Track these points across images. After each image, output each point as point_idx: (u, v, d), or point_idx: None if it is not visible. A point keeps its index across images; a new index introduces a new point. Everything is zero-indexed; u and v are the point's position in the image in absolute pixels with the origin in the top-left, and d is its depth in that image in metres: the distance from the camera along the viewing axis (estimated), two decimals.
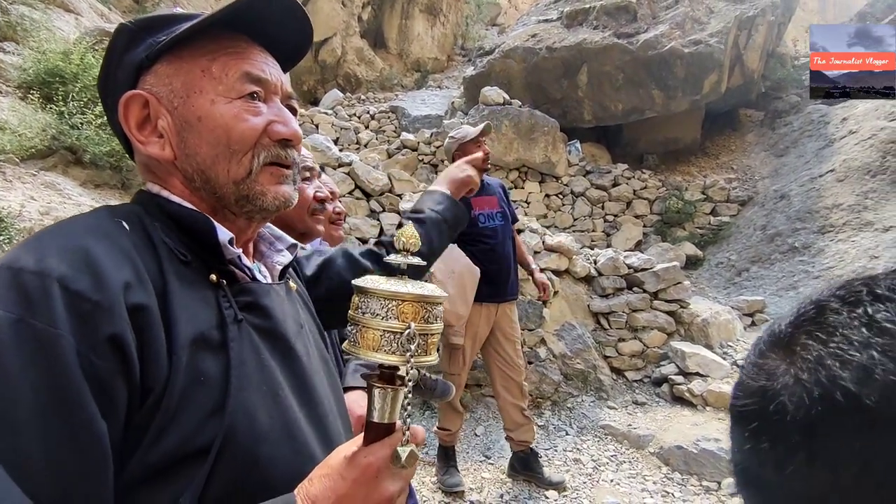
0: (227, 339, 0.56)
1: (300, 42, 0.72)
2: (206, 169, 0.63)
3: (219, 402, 0.53)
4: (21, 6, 4.46)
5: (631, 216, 8.48)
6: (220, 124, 0.62)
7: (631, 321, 4.82)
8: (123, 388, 0.48)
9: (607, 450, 3.67)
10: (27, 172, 3.12)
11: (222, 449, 0.52)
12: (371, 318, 0.52)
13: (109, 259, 0.51)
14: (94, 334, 0.46)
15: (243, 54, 0.64)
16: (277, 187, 0.66)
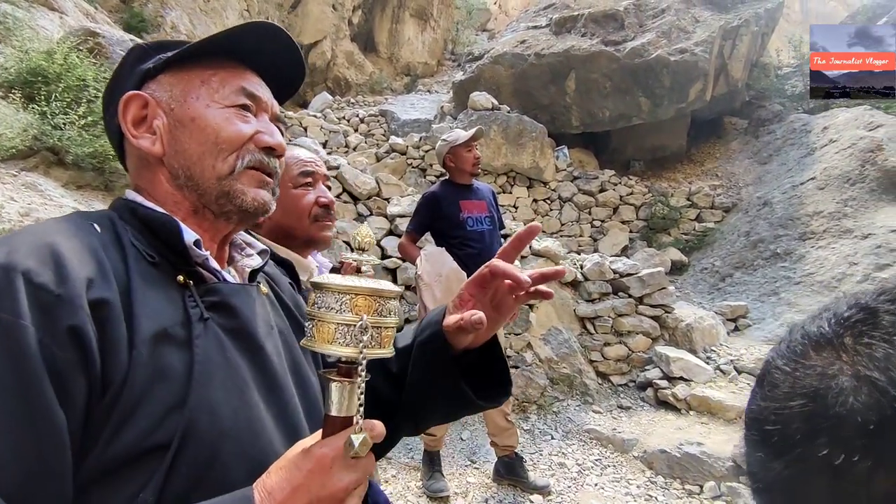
0: (192, 337, 0.58)
1: (293, 75, 0.80)
2: (192, 165, 0.67)
3: (180, 398, 0.54)
4: (4, 4, 4.40)
5: (617, 222, 8.56)
6: (210, 124, 0.67)
7: (616, 326, 4.86)
8: (83, 379, 0.49)
9: (592, 454, 3.69)
10: (7, 173, 3.08)
11: (183, 445, 0.52)
12: (326, 312, 0.53)
13: (74, 256, 0.53)
14: (55, 325, 0.48)
15: (242, 74, 0.72)
16: (257, 190, 0.69)
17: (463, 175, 3.12)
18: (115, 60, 4.35)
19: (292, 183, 1.38)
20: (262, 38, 0.71)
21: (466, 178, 3.13)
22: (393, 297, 0.57)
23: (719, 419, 3.88)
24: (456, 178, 3.14)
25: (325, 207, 1.40)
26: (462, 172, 3.11)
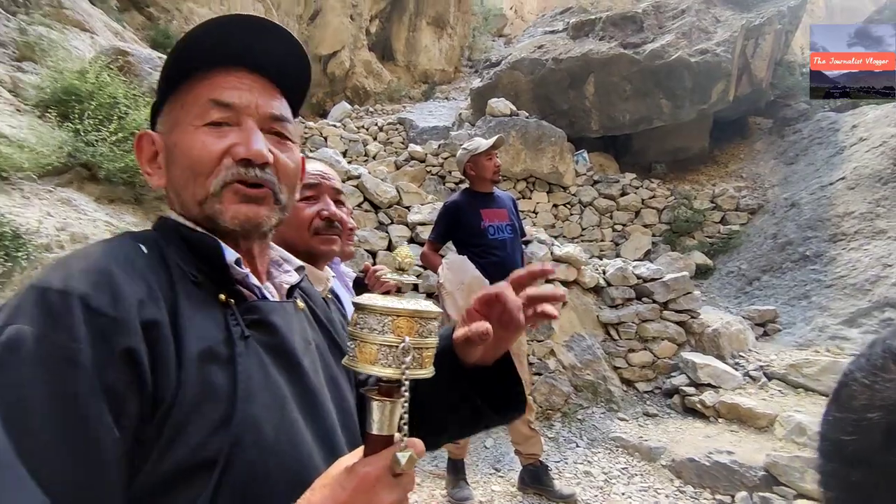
0: (235, 355, 0.59)
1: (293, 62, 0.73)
2: (180, 192, 0.68)
3: (226, 415, 0.55)
4: (39, 26, 4.58)
5: (639, 225, 8.46)
6: (184, 151, 0.66)
7: (641, 332, 4.79)
8: (136, 399, 0.51)
9: (618, 462, 3.64)
10: (44, 189, 3.19)
11: (229, 460, 0.54)
12: (368, 333, 0.54)
13: (126, 278, 0.55)
14: (111, 348, 0.49)
15: (215, 81, 0.67)
16: (239, 206, 0.66)
17: (483, 183, 3.13)
18: (143, 77, 4.48)
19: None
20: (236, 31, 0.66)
21: (487, 186, 3.14)
22: (433, 317, 0.57)
23: (750, 427, 3.79)
24: (476, 187, 3.15)
25: (328, 221, 1.36)
26: (483, 181, 3.12)
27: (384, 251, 4.52)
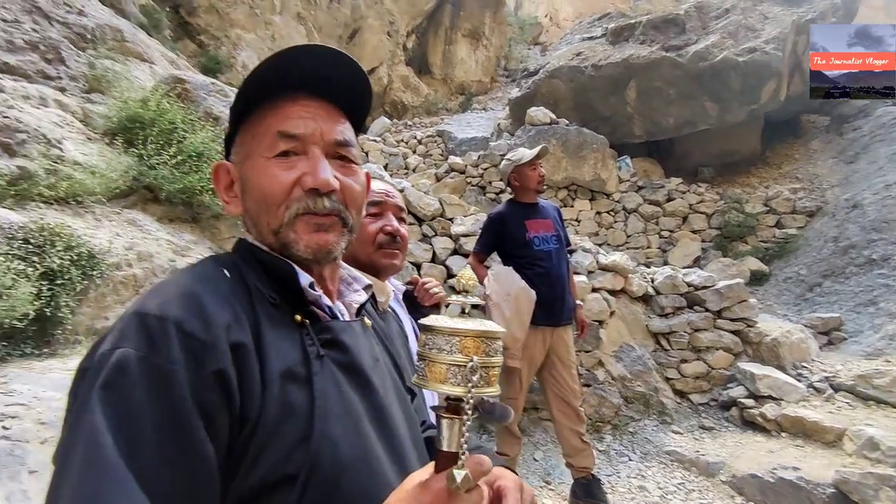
0: (311, 374, 0.62)
1: (354, 85, 0.75)
2: (256, 222, 0.72)
3: (305, 432, 0.58)
4: (105, 60, 4.91)
5: (688, 231, 8.21)
6: (256, 184, 0.70)
7: (693, 341, 4.63)
8: (226, 417, 0.54)
9: (674, 477, 3.51)
10: (112, 211, 3.41)
11: (309, 476, 0.56)
12: (437, 354, 0.56)
13: (214, 303, 0.58)
14: (204, 369, 0.53)
15: (282, 112, 0.71)
16: (312, 235, 0.69)
17: (528, 194, 3.11)
18: (198, 102, 4.72)
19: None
20: (302, 60, 0.69)
21: (531, 196, 3.12)
22: (498, 337, 0.59)
23: (816, 442, 3.59)
24: (521, 197, 3.14)
25: (391, 236, 1.41)
26: (527, 191, 3.10)
27: (428, 263, 4.56)
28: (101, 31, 5.22)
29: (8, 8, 4.39)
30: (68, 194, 3.13)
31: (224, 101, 4.92)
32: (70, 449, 0.48)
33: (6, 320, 2.16)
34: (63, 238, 2.55)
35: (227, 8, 9.95)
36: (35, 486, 1.58)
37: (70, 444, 0.49)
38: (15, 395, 1.91)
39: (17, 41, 4.24)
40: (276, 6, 10.87)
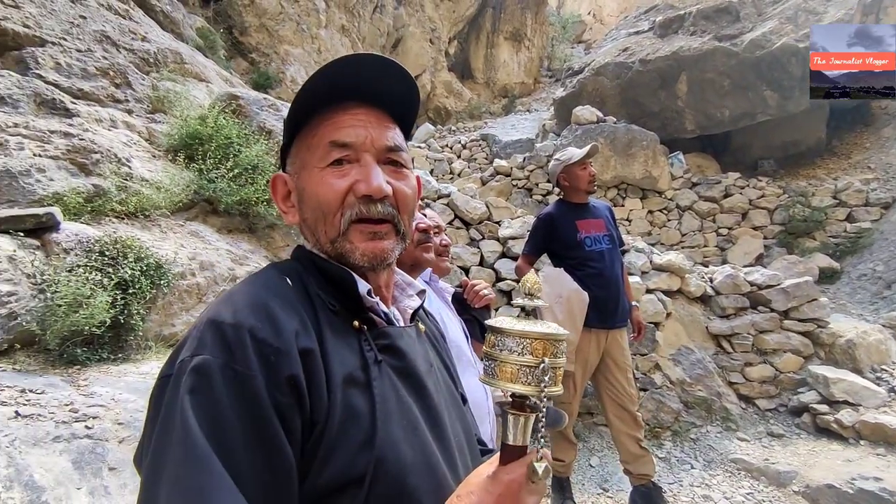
0: (371, 379, 0.63)
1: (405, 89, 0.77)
2: (314, 231, 0.73)
3: (369, 435, 0.59)
4: (166, 81, 5.21)
5: (748, 228, 7.81)
6: (312, 193, 0.71)
7: (758, 343, 4.39)
8: (298, 420, 0.55)
9: (741, 486, 3.33)
10: (176, 223, 3.60)
11: (374, 478, 0.57)
12: (508, 355, 0.59)
13: (283, 311, 0.60)
14: (278, 375, 0.55)
15: (336, 122, 0.72)
16: (367, 244, 0.70)
17: (578, 194, 3.04)
18: (252, 117, 4.93)
19: None
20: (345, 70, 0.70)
21: (582, 196, 3.05)
22: (563, 339, 0.61)
23: None
24: (571, 198, 3.08)
25: (424, 232, 1.54)
26: (577, 191, 3.04)
27: (476, 267, 4.55)
28: (162, 55, 5.55)
29: (81, 39, 4.74)
30: (137, 209, 3.34)
31: (276, 115, 5.11)
32: (164, 449, 0.51)
33: (86, 327, 2.32)
34: (133, 250, 2.71)
35: (275, 25, 10.35)
36: (115, 482, 1.68)
37: (164, 445, 0.51)
38: (95, 396, 2.04)
39: (90, 69, 4.57)
40: (321, 20, 11.21)
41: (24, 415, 1.77)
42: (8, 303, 2.30)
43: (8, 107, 3.52)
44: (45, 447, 1.65)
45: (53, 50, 4.42)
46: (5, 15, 4.30)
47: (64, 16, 4.77)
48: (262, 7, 10.21)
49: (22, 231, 2.57)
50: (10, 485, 1.47)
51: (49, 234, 2.65)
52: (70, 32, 4.69)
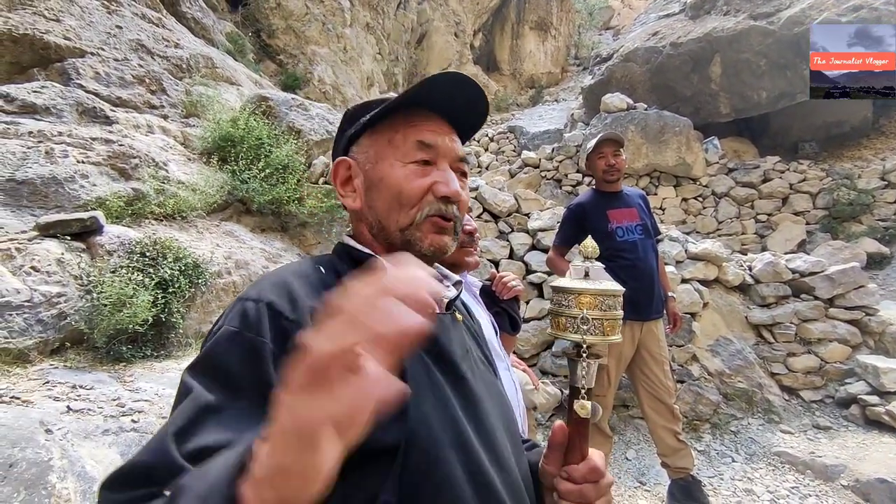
0: None
1: (476, 111, 0.83)
2: (382, 218, 0.78)
3: (400, 411, 0.61)
4: (199, 86, 5.36)
5: (789, 213, 7.51)
6: (393, 183, 0.77)
7: (802, 333, 4.23)
8: None
9: (786, 480, 3.23)
10: (212, 224, 3.71)
11: (407, 452, 0.61)
12: (560, 308, 0.73)
13: (303, 291, 0.67)
14: (287, 342, 0.60)
15: (421, 126, 0.78)
16: (434, 236, 0.77)
17: (603, 182, 2.98)
18: (281, 118, 5.02)
19: None
20: (445, 86, 0.76)
21: (611, 185, 2.98)
22: (615, 294, 0.72)
23: None
24: (601, 186, 3.00)
25: (469, 235, 1.57)
26: (600, 180, 2.98)
27: (506, 259, 4.53)
28: (194, 61, 5.70)
29: (118, 48, 4.92)
30: (174, 211, 3.45)
31: (304, 114, 5.19)
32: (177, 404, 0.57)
33: (130, 326, 2.42)
34: (172, 250, 2.81)
35: (301, 27, 10.49)
36: None
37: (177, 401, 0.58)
38: (140, 392, 2.13)
39: (128, 77, 4.73)
40: (346, 19, 11.30)
41: (76, 409, 1.87)
42: (58, 303, 2.41)
43: (53, 116, 3.69)
44: (95, 440, 1.73)
45: (93, 60, 4.60)
46: (48, 28, 4.50)
47: (101, 27, 4.96)
48: (289, 9, 10.36)
49: (68, 235, 2.70)
50: (64, 475, 1.54)
51: (93, 237, 2.77)
52: (108, 42, 4.87)
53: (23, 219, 2.88)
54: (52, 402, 1.91)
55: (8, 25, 4.32)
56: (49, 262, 2.50)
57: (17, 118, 3.53)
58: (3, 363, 2.17)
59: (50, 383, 2.08)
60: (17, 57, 4.39)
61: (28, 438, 1.61)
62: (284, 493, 0.39)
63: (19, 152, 3.15)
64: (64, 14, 4.74)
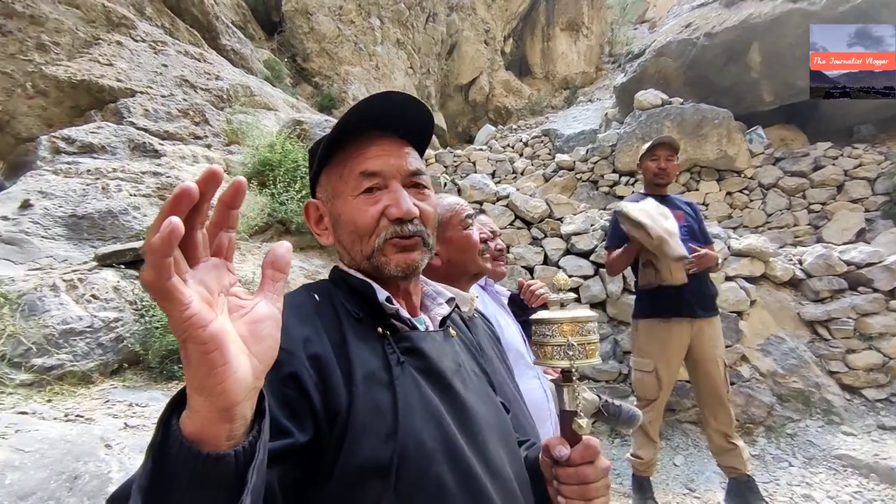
0: (393, 378, 0.71)
1: (420, 117, 0.85)
2: (349, 249, 0.83)
3: (392, 427, 0.66)
4: (239, 115, 5.64)
5: (845, 202, 7.10)
6: (349, 219, 0.81)
7: (861, 328, 4.00)
8: (307, 408, 0.64)
9: (848, 485, 3.05)
10: (254, 246, 3.89)
11: (400, 466, 0.64)
12: (544, 338, 0.77)
13: (295, 321, 0.70)
14: (281, 371, 0.63)
15: (364, 153, 0.81)
16: (398, 256, 0.80)
17: (650, 185, 3.00)
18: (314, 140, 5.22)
19: (462, 225, 1.50)
20: (373, 105, 0.79)
21: (656, 188, 2.99)
22: (590, 320, 0.77)
23: None
24: (648, 189, 3.03)
25: (484, 242, 1.58)
26: (648, 183, 3.02)
27: (540, 266, 4.51)
28: (234, 91, 6.01)
29: (164, 85, 5.25)
30: None
31: None
32: None
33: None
34: None
35: (334, 48, 10.84)
36: None
37: None
38: None
39: (173, 111, 5.05)
40: (377, 38, 11.59)
41: (132, 426, 2.01)
42: (116, 328, 2.61)
43: (108, 154, 3.99)
44: None
45: (142, 98, 4.95)
46: (102, 73, 4.87)
47: (148, 66, 5.32)
48: (321, 32, 10.74)
49: (123, 263, 2.91)
50: None
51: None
52: (154, 81, 5.22)
53: (84, 250, 3.13)
54: (111, 419, 2.07)
55: (68, 73, 4.71)
56: (107, 290, 2.71)
57: (78, 158, 3.84)
58: (70, 384, 2.37)
59: (109, 402, 2.25)
60: (76, 101, 4.78)
61: (90, 453, 1.75)
62: None
63: (80, 189, 3.43)
64: (116, 58, 5.13)
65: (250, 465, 0.44)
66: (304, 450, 0.62)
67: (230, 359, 0.42)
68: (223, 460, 0.43)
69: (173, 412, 0.45)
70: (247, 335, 0.46)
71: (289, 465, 0.60)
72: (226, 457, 0.43)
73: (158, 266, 0.38)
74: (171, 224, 0.38)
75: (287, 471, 0.59)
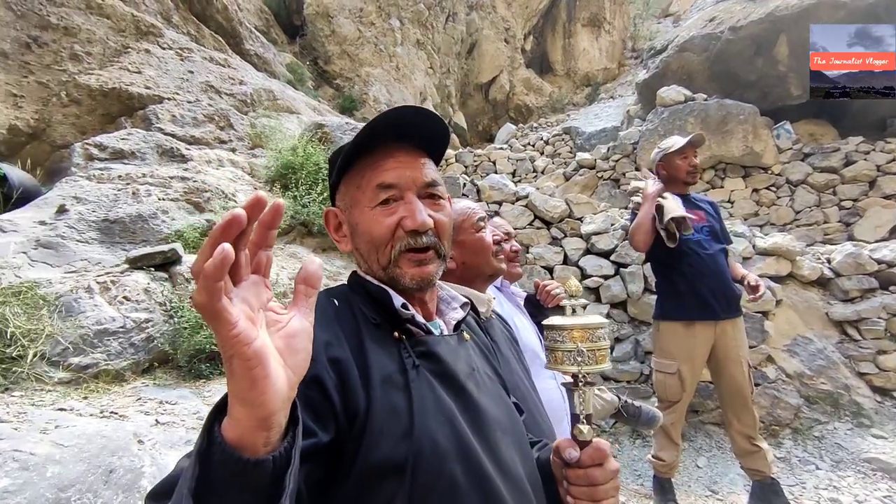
0: (409, 381, 0.73)
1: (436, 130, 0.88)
2: (366, 258, 0.86)
3: (408, 428, 0.69)
4: (262, 118, 5.76)
5: (877, 197, 6.87)
6: (366, 229, 0.84)
7: (893, 328, 3.89)
8: (329, 410, 0.66)
9: (877, 489, 2.98)
10: (277, 247, 3.98)
11: (415, 466, 0.66)
12: (555, 344, 0.79)
13: (318, 326, 0.71)
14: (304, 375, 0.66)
15: (380, 166, 0.84)
16: (414, 270, 0.83)
17: (676, 184, 2.94)
18: (336, 142, 5.30)
19: (474, 228, 1.53)
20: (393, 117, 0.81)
21: (680, 187, 2.95)
22: (600, 326, 0.79)
23: None
24: (677, 188, 2.98)
25: (497, 245, 1.61)
26: (675, 181, 2.94)
27: (560, 265, 4.50)
28: (257, 95, 6.14)
29: (191, 91, 5.40)
30: None
31: None
32: None
33: (207, 346, 2.67)
34: None
35: (355, 50, 10.94)
36: None
37: None
38: None
39: (199, 116, 5.19)
40: (397, 38, 11.66)
41: (163, 422, 2.10)
42: (146, 328, 2.71)
43: (138, 160, 4.13)
44: (179, 450, 1.94)
45: (169, 105, 5.09)
46: (132, 81, 5.04)
47: (175, 73, 5.48)
48: (342, 35, 10.85)
49: (153, 266, 3.02)
50: (154, 481, 1.75)
51: (174, 267, 3.08)
52: (181, 87, 5.37)
53: (116, 254, 3.26)
54: (143, 416, 2.16)
55: (100, 82, 4.88)
56: (138, 292, 2.81)
57: (109, 164, 3.99)
58: (105, 383, 2.48)
59: (141, 399, 2.35)
60: (107, 109, 4.95)
61: (124, 448, 1.84)
62: None
63: (111, 195, 3.56)
64: (144, 66, 5.29)
65: (286, 471, 0.48)
66: (327, 450, 0.65)
67: (270, 373, 0.46)
68: (261, 465, 0.46)
69: (215, 420, 0.48)
70: (283, 348, 0.49)
71: (314, 465, 0.63)
72: (264, 462, 0.46)
73: (210, 290, 0.41)
74: (224, 251, 0.41)
75: (312, 470, 0.62)
